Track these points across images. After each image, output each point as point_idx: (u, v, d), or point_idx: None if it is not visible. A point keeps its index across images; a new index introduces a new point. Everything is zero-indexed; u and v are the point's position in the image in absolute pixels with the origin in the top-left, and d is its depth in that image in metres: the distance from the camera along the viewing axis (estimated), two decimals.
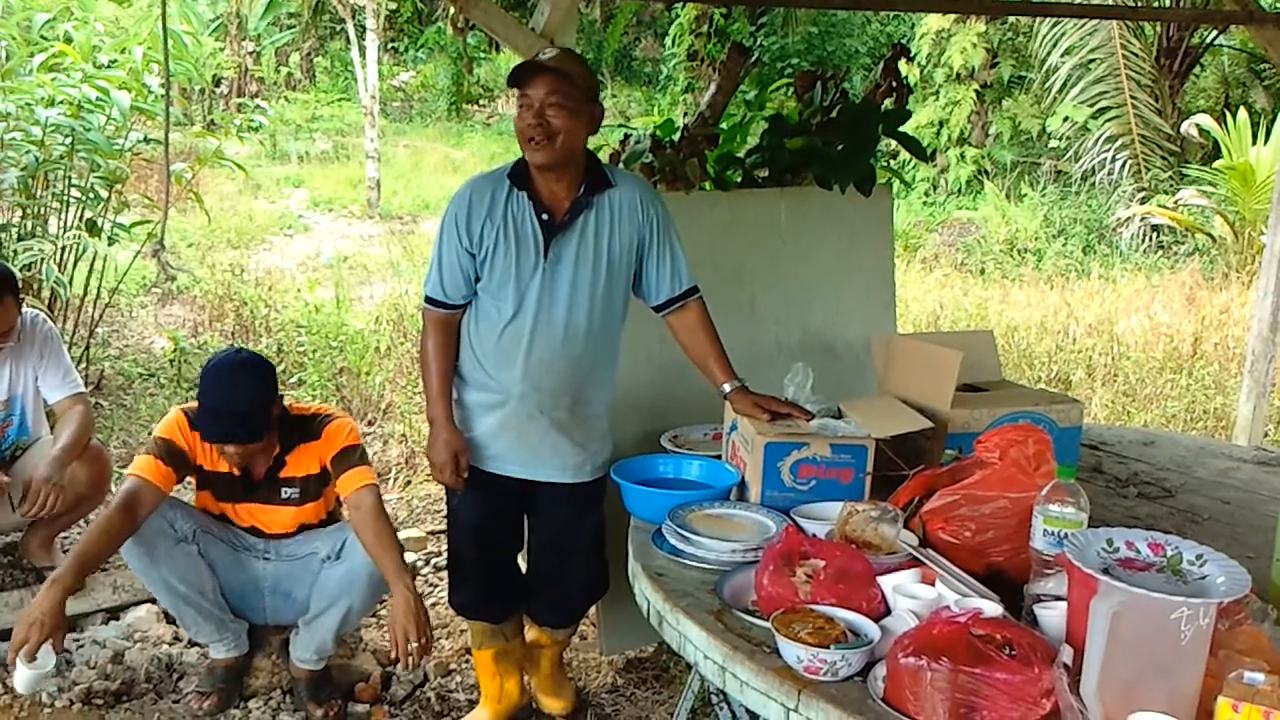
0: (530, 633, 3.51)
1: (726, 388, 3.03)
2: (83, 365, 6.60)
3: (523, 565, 3.48)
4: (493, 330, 3.01)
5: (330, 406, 3.62)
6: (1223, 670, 1.72)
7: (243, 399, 3.23)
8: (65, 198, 6.29)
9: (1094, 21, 13.51)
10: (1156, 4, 13.85)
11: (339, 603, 3.36)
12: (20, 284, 3.95)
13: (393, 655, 3.13)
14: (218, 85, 16.99)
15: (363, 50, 14.46)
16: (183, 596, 3.37)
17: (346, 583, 3.35)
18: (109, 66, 6.38)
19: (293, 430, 3.42)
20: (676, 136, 4.17)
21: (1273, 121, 12.44)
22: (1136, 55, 13.78)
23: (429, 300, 3.06)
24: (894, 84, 4.32)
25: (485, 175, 3.05)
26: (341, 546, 3.41)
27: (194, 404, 3.38)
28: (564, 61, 2.86)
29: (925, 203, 15.19)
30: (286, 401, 3.47)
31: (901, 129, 4.32)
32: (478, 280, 3.00)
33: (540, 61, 2.84)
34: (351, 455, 3.39)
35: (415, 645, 3.07)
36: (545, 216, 2.94)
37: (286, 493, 3.46)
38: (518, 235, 2.94)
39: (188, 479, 3.44)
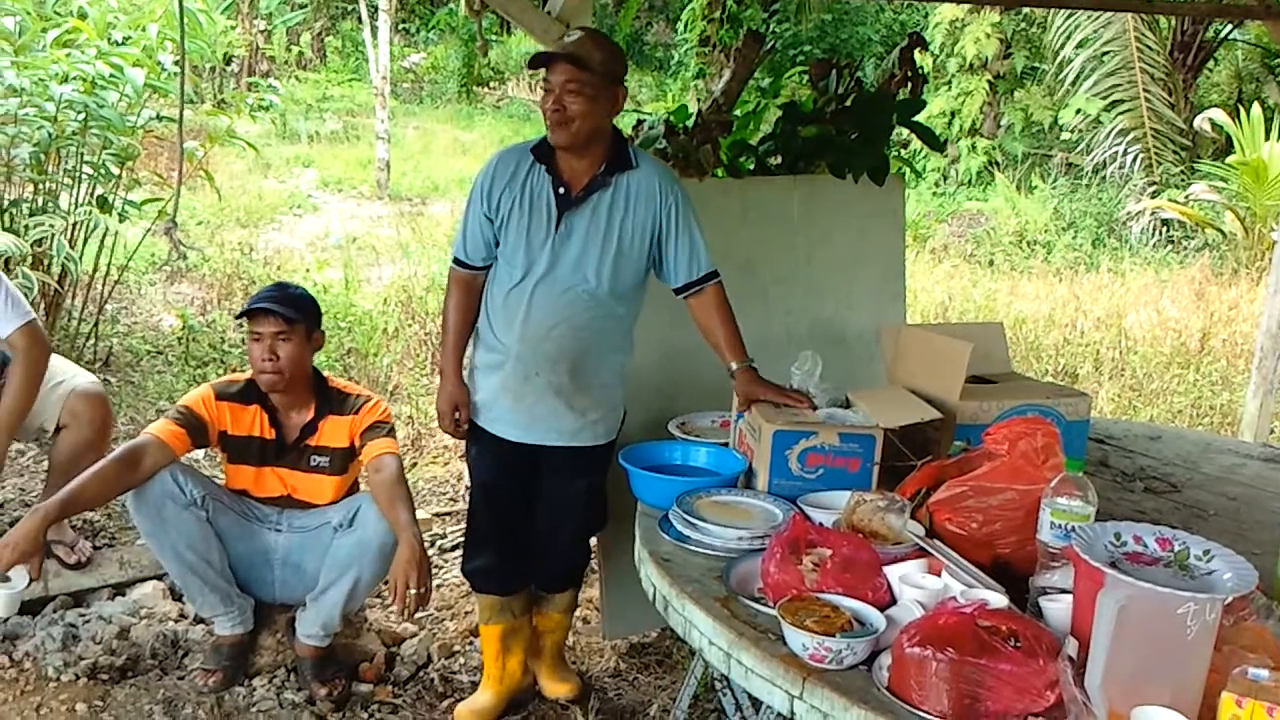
0: (534, 619, 3.55)
1: (733, 366, 3.07)
2: (91, 342, 6.63)
3: None
4: (501, 292, 3.13)
5: (369, 391, 3.66)
6: (1227, 665, 1.73)
7: (291, 290, 3.54)
8: (77, 174, 6.30)
9: (1108, 14, 13.46)
10: None
11: (348, 574, 3.38)
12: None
13: (391, 601, 3.15)
14: (229, 64, 16.94)
15: (374, 31, 14.42)
16: (190, 565, 3.39)
17: (357, 553, 3.36)
18: (123, 43, 6.38)
19: (330, 400, 3.51)
20: (690, 123, 4.16)
21: None
22: (1150, 48, 13.72)
23: (454, 260, 3.21)
24: (909, 73, 4.31)
25: (513, 147, 3.19)
26: (354, 515, 3.43)
27: (224, 379, 3.55)
28: (583, 47, 2.94)
29: (935, 193, 15.15)
30: (328, 377, 3.59)
31: (915, 118, 4.31)
32: (498, 245, 3.12)
33: (559, 50, 2.94)
34: (380, 429, 3.49)
35: (414, 592, 3.12)
36: (562, 190, 3.04)
37: (316, 460, 3.51)
38: (532, 206, 3.05)
39: (211, 454, 3.46)
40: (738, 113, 4.46)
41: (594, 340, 3.13)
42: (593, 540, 3.63)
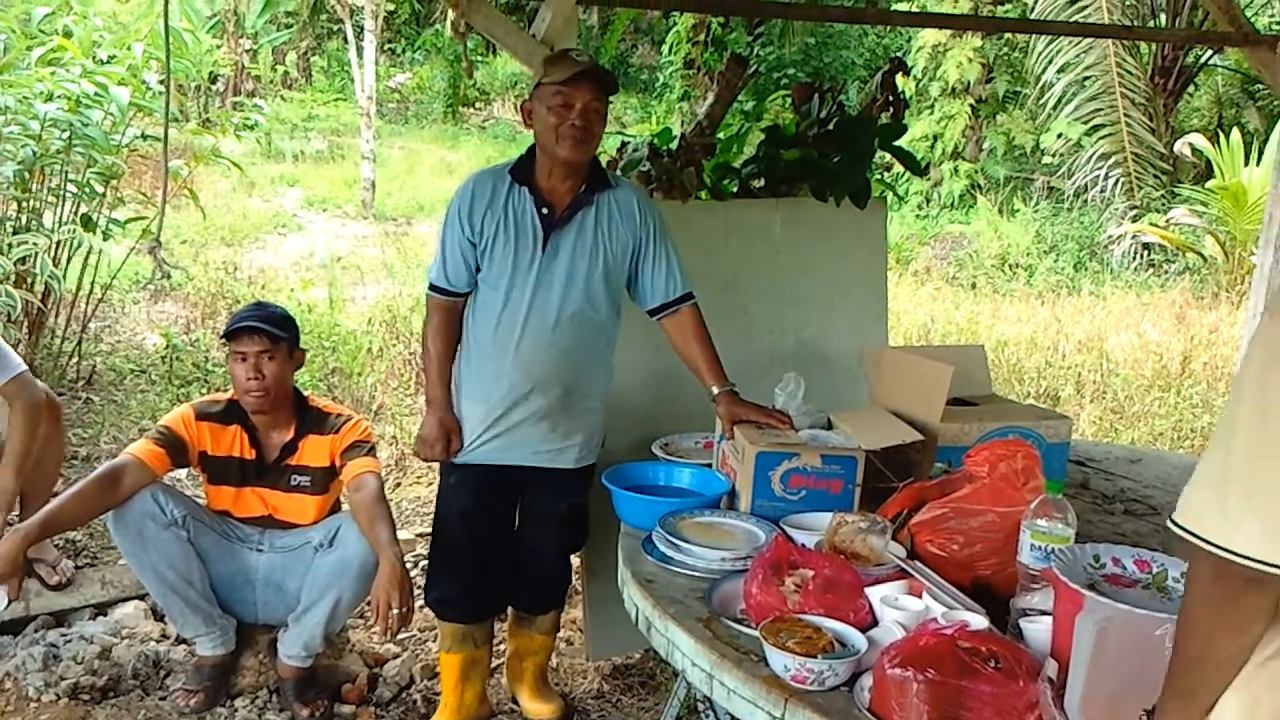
0: (515, 641, 3.56)
1: (714, 390, 3.08)
2: (74, 360, 6.61)
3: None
4: (490, 318, 3.10)
5: (350, 410, 3.66)
6: None
7: (271, 309, 3.52)
8: (61, 192, 6.29)
9: (1089, 39, 13.58)
10: (1152, 24, 13.93)
11: (329, 594, 3.37)
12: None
13: (373, 621, 3.14)
14: (214, 83, 16.94)
15: (360, 51, 14.45)
16: (171, 585, 3.38)
17: (337, 572, 3.36)
18: (108, 62, 6.39)
19: (310, 419, 3.52)
20: (674, 145, 4.19)
21: (1265, 142, 12.50)
22: (1131, 73, 13.84)
23: (432, 287, 3.18)
24: (890, 98, 4.34)
25: (488, 170, 3.18)
26: (335, 535, 3.43)
27: (204, 399, 3.56)
28: (604, 69, 3.00)
29: (918, 216, 15.23)
30: (308, 396, 3.59)
31: (896, 143, 4.35)
32: (478, 270, 3.10)
33: (593, 69, 2.95)
34: (361, 448, 3.49)
35: (396, 612, 3.10)
36: (545, 210, 3.05)
37: (296, 480, 3.51)
38: (518, 227, 3.05)
39: (194, 475, 3.45)
40: (721, 135, 4.49)
41: (584, 360, 3.15)
42: (575, 561, 3.63)
